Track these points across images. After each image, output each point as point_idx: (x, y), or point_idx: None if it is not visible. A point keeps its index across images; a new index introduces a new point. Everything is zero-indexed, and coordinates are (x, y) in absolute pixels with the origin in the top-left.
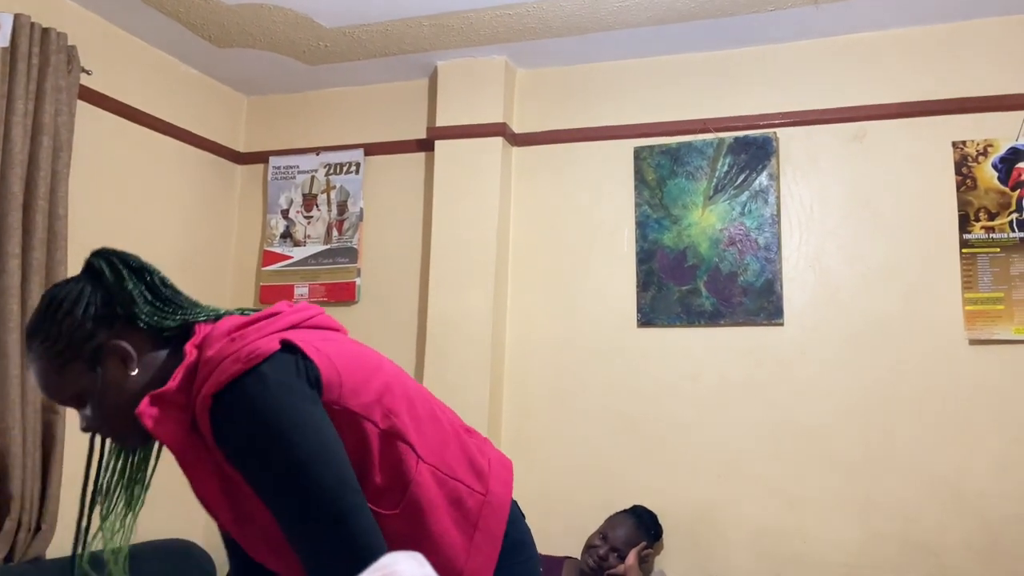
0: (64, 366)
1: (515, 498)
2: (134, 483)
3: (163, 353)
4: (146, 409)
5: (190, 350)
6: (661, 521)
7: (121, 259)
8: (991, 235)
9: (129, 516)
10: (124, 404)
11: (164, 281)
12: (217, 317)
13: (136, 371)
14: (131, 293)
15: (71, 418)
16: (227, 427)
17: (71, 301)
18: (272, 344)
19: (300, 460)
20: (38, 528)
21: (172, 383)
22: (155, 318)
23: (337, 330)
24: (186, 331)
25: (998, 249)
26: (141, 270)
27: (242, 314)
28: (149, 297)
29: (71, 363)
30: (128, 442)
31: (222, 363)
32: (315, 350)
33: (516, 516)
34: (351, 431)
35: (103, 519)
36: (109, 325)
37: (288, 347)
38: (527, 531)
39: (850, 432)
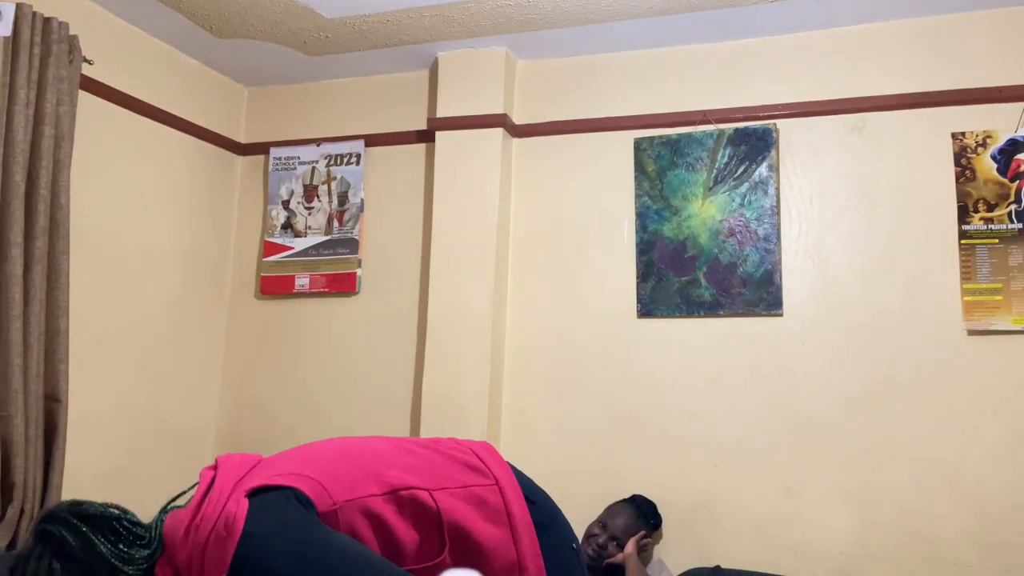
0: None
1: None
2: None
3: None
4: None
5: (160, 574)
6: (660, 510)
7: (80, 516)
8: (990, 226)
9: None
10: None
11: (125, 518)
12: (158, 525)
13: None
14: (108, 557)
15: (73, 407)
16: (254, 555)
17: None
18: (239, 503)
19: (342, 574)
20: None
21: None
22: (140, 571)
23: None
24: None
25: (997, 240)
26: (103, 520)
27: (176, 507)
28: (125, 551)
29: None
30: None
31: (206, 554)
32: (280, 477)
33: (526, 483)
34: (361, 516)
35: None
36: None
37: (256, 492)
38: (539, 491)
39: (848, 422)
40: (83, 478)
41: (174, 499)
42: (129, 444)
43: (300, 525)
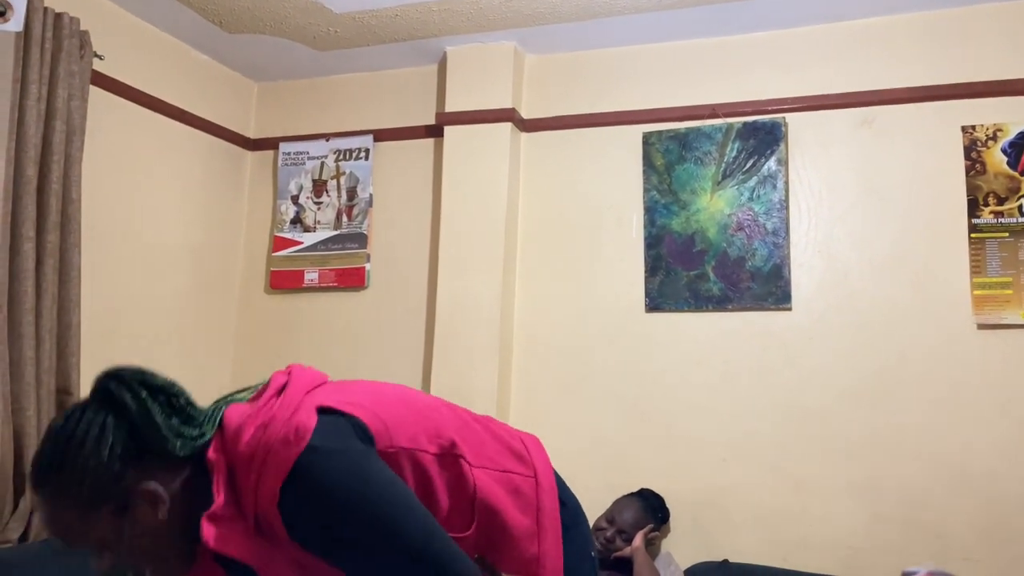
0: (88, 512)
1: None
2: None
3: (186, 473)
4: (210, 537)
5: (215, 458)
6: (668, 504)
7: (141, 382)
8: (1000, 220)
9: None
10: (160, 543)
11: (184, 396)
12: (216, 411)
13: (165, 516)
14: (161, 427)
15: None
16: (304, 513)
17: (94, 439)
18: (311, 416)
19: (388, 516)
20: None
21: (219, 498)
22: (188, 448)
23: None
24: (205, 445)
25: (1007, 234)
26: (162, 391)
27: (237, 400)
28: (178, 426)
29: (96, 509)
30: (168, 573)
31: (269, 454)
32: (350, 405)
33: (560, 484)
34: (411, 467)
35: None
36: (136, 463)
37: (325, 411)
38: (571, 494)
39: (857, 416)
40: None
41: (236, 392)
42: None
43: (361, 454)
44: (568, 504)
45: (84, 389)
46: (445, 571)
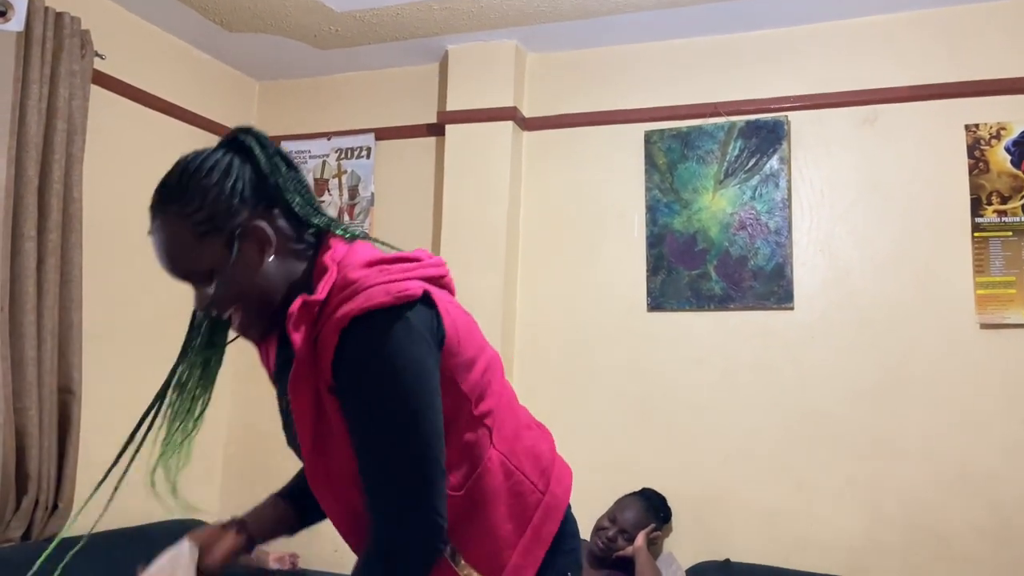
0: (201, 238)
1: None
2: (208, 382)
3: (298, 250)
4: (294, 310)
5: (330, 264)
6: (670, 503)
7: (271, 142)
8: (1003, 219)
9: (195, 421)
10: (254, 288)
11: (304, 179)
12: (352, 237)
13: (272, 259)
14: (284, 178)
15: (87, 399)
16: (354, 353)
17: (221, 172)
18: (418, 289)
19: (410, 409)
20: (55, 507)
21: (320, 294)
22: (305, 209)
23: (453, 295)
24: (318, 240)
25: (1010, 233)
26: (289, 161)
27: (374, 243)
28: (299, 188)
29: (208, 236)
30: (248, 331)
31: (369, 290)
32: (446, 312)
33: (568, 516)
34: (448, 401)
35: (173, 419)
36: (253, 206)
37: (427, 299)
38: (574, 522)
39: (859, 415)
40: (96, 469)
41: (354, 227)
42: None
43: (426, 350)
44: (565, 534)
45: (86, 388)
46: (420, 495)
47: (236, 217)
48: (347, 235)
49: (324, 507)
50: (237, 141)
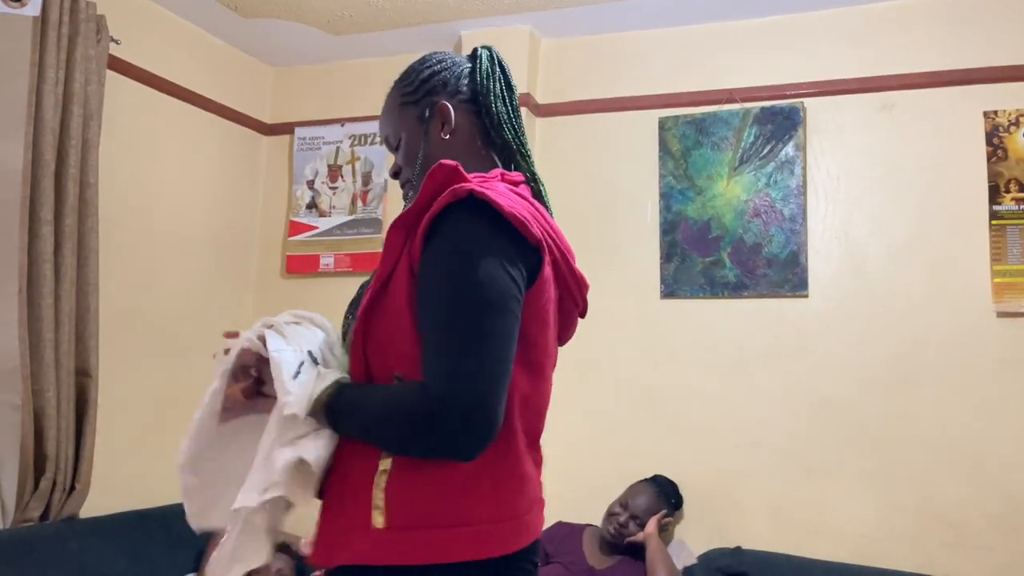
0: (401, 108)
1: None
2: None
3: (473, 146)
4: (444, 167)
5: (498, 175)
6: (681, 491)
7: (503, 63)
8: (1022, 207)
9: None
10: (423, 161)
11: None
12: (531, 182)
13: (446, 138)
14: (494, 84)
15: (104, 381)
16: (461, 219)
17: (437, 61)
18: (539, 233)
19: (497, 290)
20: (72, 488)
21: (470, 179)
22: (502, 117)
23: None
24: (503, 158)
25: None
26: (508, 81)
27: (543, 197)
28: (506, 100)
29: (406, 107)
30: (409, 198)
31: (499, 193)
32: (547, 273)
33: (531, 551)
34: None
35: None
36: (452, 94)
37: (535, 244)
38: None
39: (872, 404)
40: (114, 451)
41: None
42: (158, 418)
43: (520, 275)
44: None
45: (103, 371)
46: (485, 369)
47: (432, 96)
48: (529, 176)
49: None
50: (476, 53)
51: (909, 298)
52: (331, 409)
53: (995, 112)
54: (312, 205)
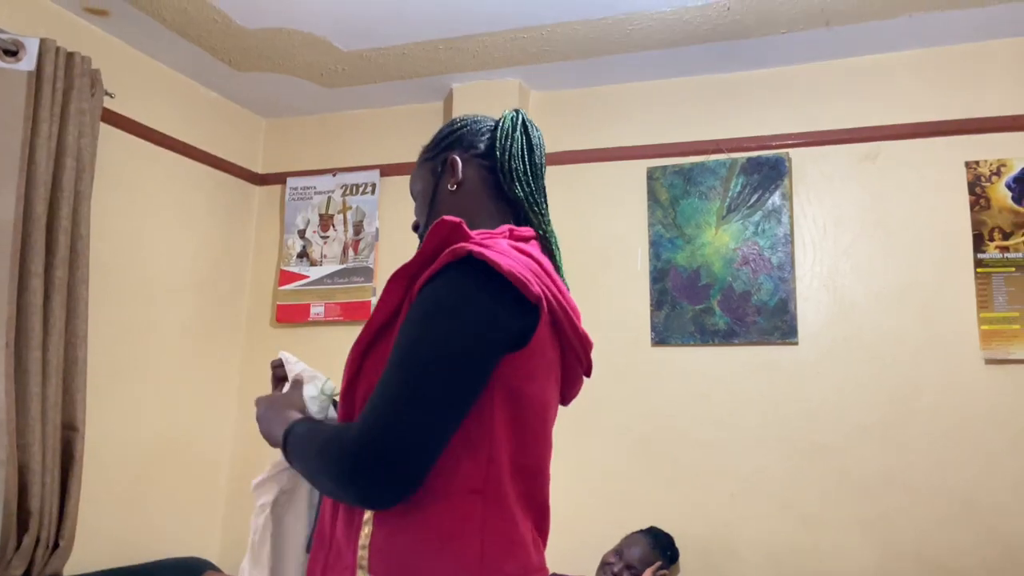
0: (422, 164)
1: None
2: None
3: (481, 200)
4: (446, 224)
5: (506, 231)
6: (676, 541)
7: (533, 127)
8: (1006, 254)
9: None
10: (432, 213)
11: (541, 174)
12: (543, 238)
13: (453, 190)
14: (511, 149)
15: (90, 436)
16: (447, 279)
17: (466, 123)
18: (538, 291)
19: (454, 351)
20: (56, 545)
21: (469, 233)
22: (512, 176)
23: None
24: (517, 213)
25: (1013, 268)
26: (531, 142)
27: (554, 254)
28: (523, 164)
29: (426, 162)
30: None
31: (500, 252)
32: (543, 331)
33: None
34: (501, 395)
35: None
36: (466, 149)
37: (534, 306)
38: None
39: (866, 451)
40: (99, 507)
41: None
42: (145, 472)
43: (506, 334)
44: None
45: (90, 425)
46: (416, 424)
47: (447, 151)
48: (543, 232)
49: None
50: (505, 116)
51: (899, 345)
52: (284, 445)
53: (977, 162)
54: (303, 254)
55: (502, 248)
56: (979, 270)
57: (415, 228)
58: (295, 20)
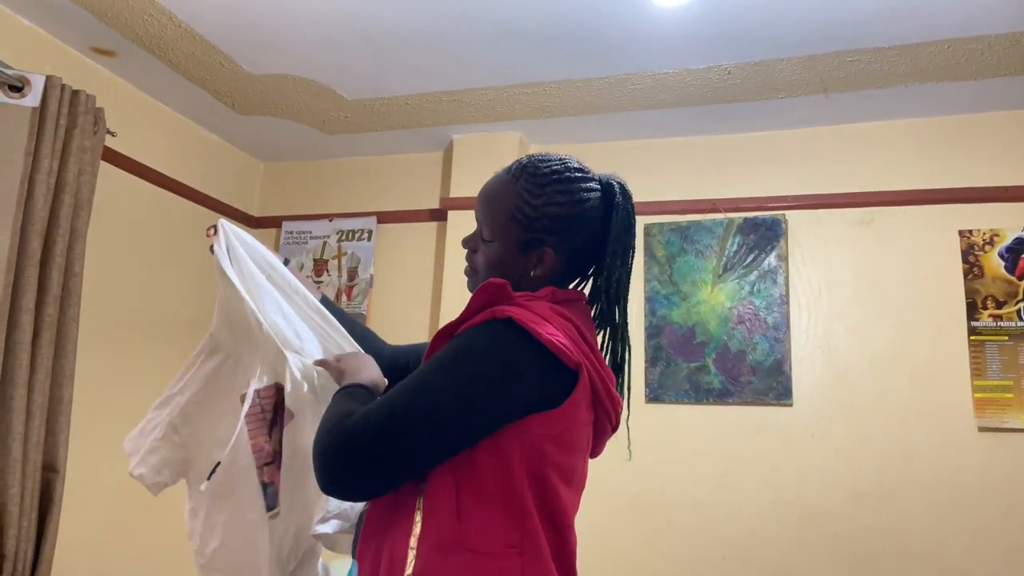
0: (512, 219)
1: None
2: None
3: (545, 279)
4: (491, 286)
5: (548, 294)
6: None
7: (633, 222)
8: (999, 323)
9: None
10: (502, 276)
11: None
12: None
13: (535, 274)
14: (619, 260)
15: (70, 478)
16: (479, 330)
17: (572, 203)
18: (577, 359)
19: (466, 394)
20: None
21: (516, 298)
22: (615, 292)
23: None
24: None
25: (1006, 337)
26: (628, 241)
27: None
28: (624, 270)
29: (515, 223)
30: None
31: (539, 317)
32: (577, 397)
33: None
34: (516, 451)
35: None
36: (565, 239)
37: (574, 368)
38: None
39: (859, 517)
40: (75, 551)
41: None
42: (123, 517)
43: (529, 391)
44: None
45: (71, 466)
46: (395, 442)
47: (545, 234)
48: (618, 325)
49: None
50: (611, 192)
51: (893, 410)
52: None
53: (970, 231)
54: None
55: (543, 312)
56: (972, 338)
57: (471, 265)
58: (301, 67)
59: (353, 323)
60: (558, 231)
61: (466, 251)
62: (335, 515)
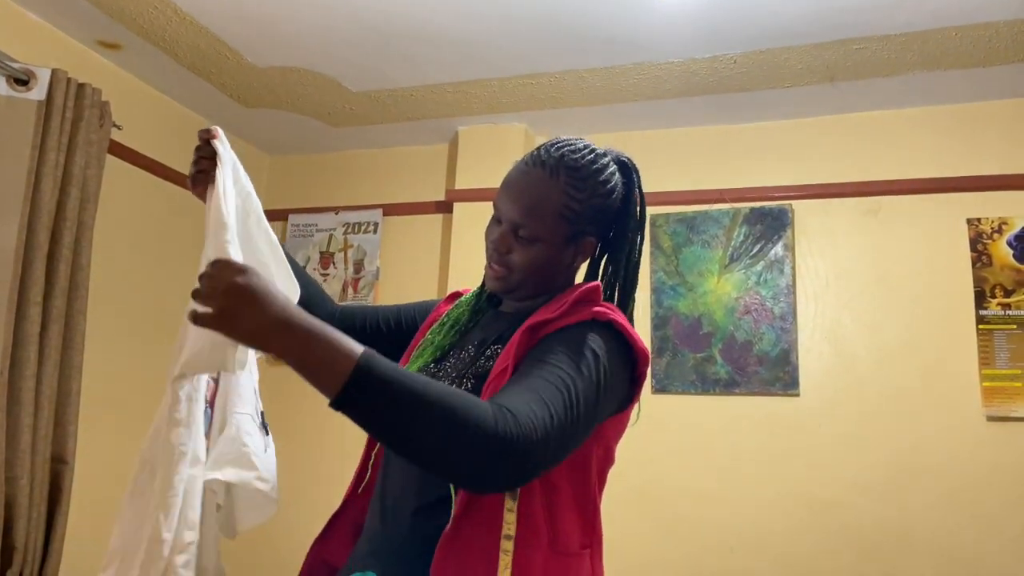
0: (558, 217)
1: None
2: None
3: (573, 273)
4: (591, 290)
5: (598, 289)
6: None
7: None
8: (1008, 312)
9: None
10: (545, 274)
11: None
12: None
13: (571, 265)
14: (636, 257)
15: (80, 470)
16: (601, 332)
17: (614, 194)
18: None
19: (597, 380)
20: None
21: (596, 293)
22: (630, 286)
23: None
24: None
25: (1015, 326)
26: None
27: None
28: (634, 258)
29: (563, 220)
30: (508, 288)
31: (628, 324)
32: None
33: None
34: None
35: None
36: (603, 231)
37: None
38: None
39: (867, 507)
40: (83, 543)
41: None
42: None
43: (630, 366)
44: None
45: (80, 458)
46: (556, 423)
47: (588, 226)
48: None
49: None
50: (627, 171)
51: (900, 400)
52: (368, 365)
53: (978, 220)
54: None
55: (628, 323)
56: (981, 327)
57: (501, 249)
58: (306, 60)
59: (307, 283)
60: (599, 220)
61: (490, 249)
62: (231, 461)
